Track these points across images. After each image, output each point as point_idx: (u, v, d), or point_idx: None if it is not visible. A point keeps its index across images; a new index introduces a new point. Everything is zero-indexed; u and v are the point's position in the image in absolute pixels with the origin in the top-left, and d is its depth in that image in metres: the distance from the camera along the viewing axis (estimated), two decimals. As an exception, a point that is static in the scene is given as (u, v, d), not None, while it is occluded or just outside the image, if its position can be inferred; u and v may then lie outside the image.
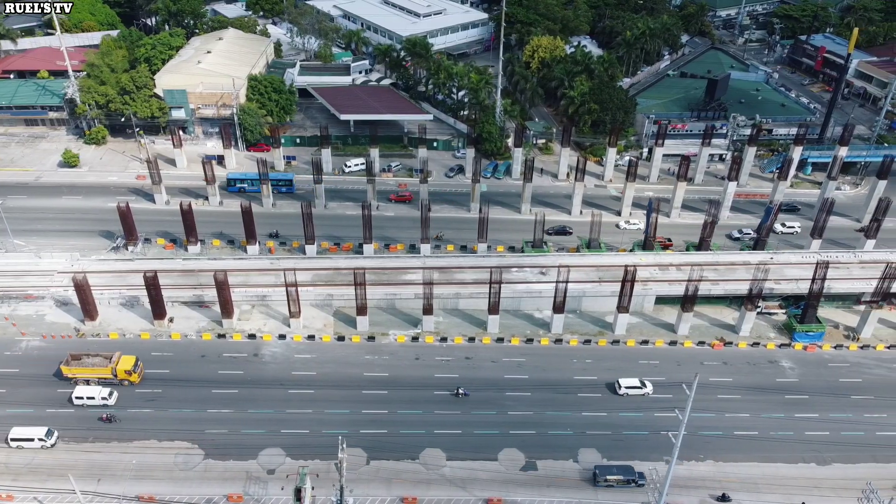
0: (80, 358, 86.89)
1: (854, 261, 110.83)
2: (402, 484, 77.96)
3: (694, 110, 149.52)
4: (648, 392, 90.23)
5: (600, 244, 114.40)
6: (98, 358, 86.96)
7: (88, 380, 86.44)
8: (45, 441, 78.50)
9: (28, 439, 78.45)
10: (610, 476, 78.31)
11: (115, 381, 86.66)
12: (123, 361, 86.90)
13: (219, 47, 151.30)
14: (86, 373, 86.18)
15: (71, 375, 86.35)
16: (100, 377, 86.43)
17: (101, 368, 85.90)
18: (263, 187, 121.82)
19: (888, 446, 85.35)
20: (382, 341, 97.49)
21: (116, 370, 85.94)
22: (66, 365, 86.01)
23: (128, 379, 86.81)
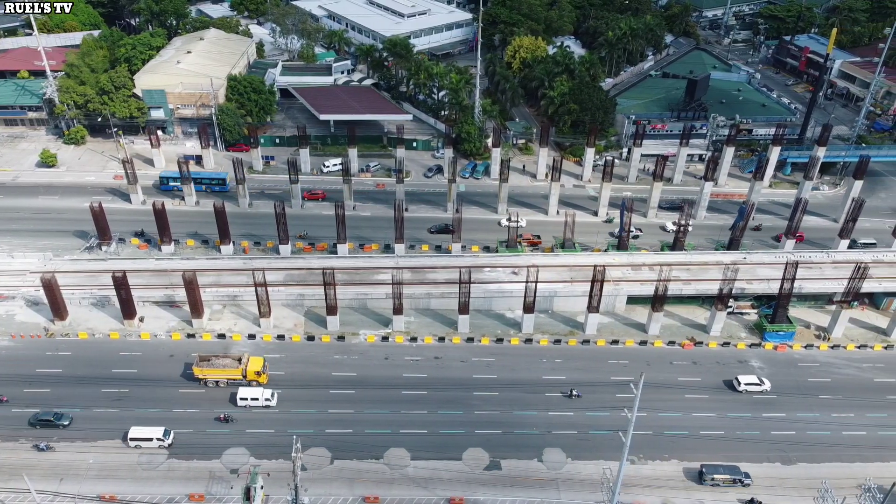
0: (208, 359, 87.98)
1: (827, 261, 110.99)
2: (365, 483, 78.02)
3: (674, 111, 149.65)
4: (766, 388, 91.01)
5: (574, 244, 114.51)
6: (227, 359, 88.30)
7: (218, 381, 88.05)
8: (163, 441, 79.18)
9: (147, 439, 79.26)
10: (717, 475, 78.70)
11: (243, 383, 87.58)
12: (253, 363, 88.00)
13: (199, 47, 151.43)
14: (217, 374, 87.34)
15: (202, 377, 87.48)
16: (229, 378, 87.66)
17: (232, 370, 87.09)
18: (185, 186, 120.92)
19: (853, 446, 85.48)
20: (352, 341, 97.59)
21: (247, 371, 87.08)
22: (197, 366, 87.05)
23: (256, 380, 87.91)
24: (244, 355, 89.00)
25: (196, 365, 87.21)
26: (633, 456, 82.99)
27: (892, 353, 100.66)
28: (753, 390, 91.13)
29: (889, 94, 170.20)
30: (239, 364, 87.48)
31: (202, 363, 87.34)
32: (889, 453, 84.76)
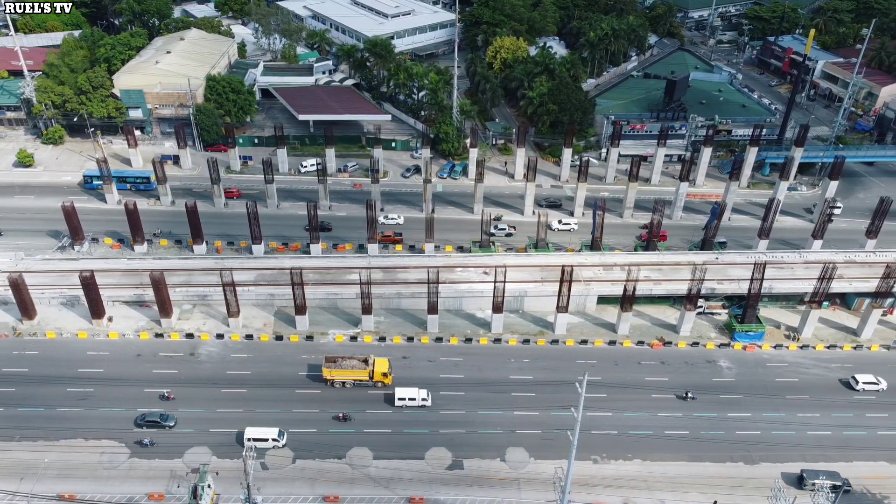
0: (335, 360, 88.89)
1: (799, 261, 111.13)
2: (327, 483, 78.10)
3: (654, 111, 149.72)
4: (883, 388, 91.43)
5: (547, 244, 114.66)
6: (354, 361, 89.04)
7: (344, 382, 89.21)
8: (277, 441, 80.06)
9: (262, 439, 79.98)
10: (817, 480, 77.99)
11: (370, 383, 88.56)
12: (379, 364, 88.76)
13: (179, 47, 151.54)
14: (345, 375, 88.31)
15: (330, 378, 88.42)
16: (356, 379, 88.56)
17: (360, 371, 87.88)
18: (106, 185, 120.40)
19: (818, 445, 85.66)
20: (321, 340, 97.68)
21: (374, 372, 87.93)
22: (326, 367, 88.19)
23: (382, 381, 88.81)
24: (370, 357, 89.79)
25: (324, 366, 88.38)
26: (597, 455, 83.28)
27: (861, 353, 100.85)
28: (871, 389, 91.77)
29: (871, 95, 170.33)
30: (366, 366, 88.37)
31: (329, 364, 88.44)
32: (853, 453, 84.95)
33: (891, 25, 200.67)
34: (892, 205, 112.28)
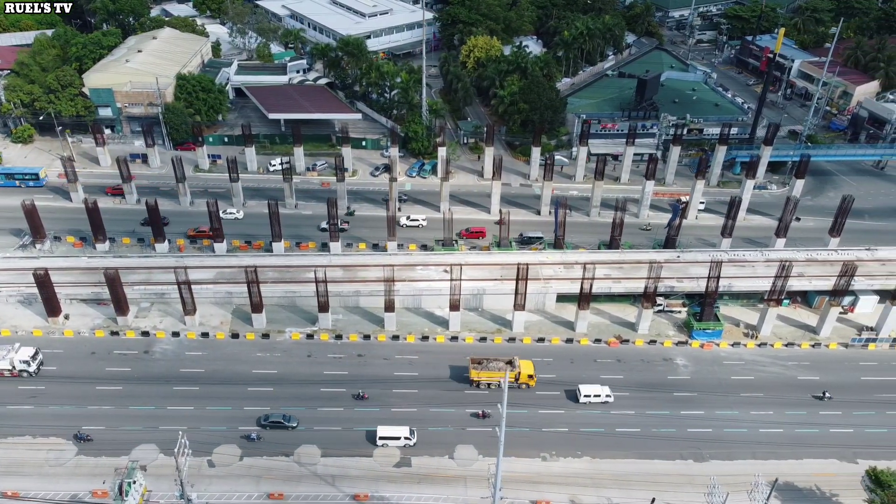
0: (480, 362, 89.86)
1: (760, 259, 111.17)
2: (273, 480, 78.07)
3: (625, 110, 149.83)
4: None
5: (510, 242, 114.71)
6: (500, 363, 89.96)
7: (489, 383, 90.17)
8: (409, 439, 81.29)
9: (395, 438, 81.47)
10: None
11: (516, 385, 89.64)
12: (524, 366, 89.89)
13: (151, 46, 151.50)
14: (492, 376, 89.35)
15: (476, 379, 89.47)
16: (502, 381, 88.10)
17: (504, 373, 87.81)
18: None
19: (769, 443, 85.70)
20: (277, 338, 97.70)
21: (520, 374, 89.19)
22: (473, 369, 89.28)
23: (528, 383, 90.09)
24: (514, 358, 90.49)
25: (471, 368, 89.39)
26: (546, 453, 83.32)
27: (819, 351, 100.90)
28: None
29: (846, 94, 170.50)
30: (512, 367, 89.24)
31: (476, 366, 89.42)
32: (804, 450, 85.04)
33: (870, 25, 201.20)
34: (854, 203, 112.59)
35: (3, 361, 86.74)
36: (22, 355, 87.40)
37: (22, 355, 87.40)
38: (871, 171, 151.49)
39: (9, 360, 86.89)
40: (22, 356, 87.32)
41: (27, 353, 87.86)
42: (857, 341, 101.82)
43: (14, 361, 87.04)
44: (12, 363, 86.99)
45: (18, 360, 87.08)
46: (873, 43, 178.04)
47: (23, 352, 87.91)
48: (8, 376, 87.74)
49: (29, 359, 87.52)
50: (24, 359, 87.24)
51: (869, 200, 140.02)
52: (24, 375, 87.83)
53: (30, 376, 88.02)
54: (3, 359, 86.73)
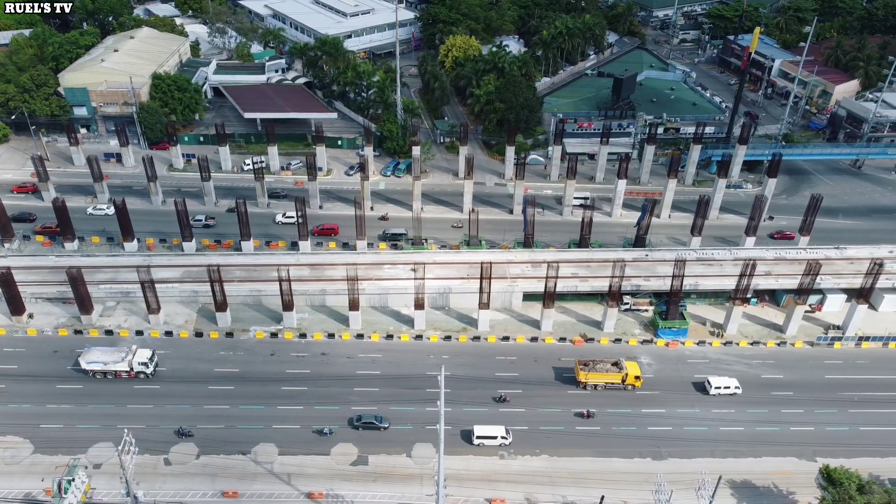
0: (587, 364, 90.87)
1: (729, 258, 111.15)
2: (228, 478, 78.10)
3: (602, 109, 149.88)
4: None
5: (480, 241, 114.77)
6: (607, 364, 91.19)
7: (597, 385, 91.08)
8: (506, 439, 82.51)
9: (491, 437, 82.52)
10: None
11: (622, 387, 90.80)
12: (631, 367, 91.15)
13: (128, 46, 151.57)
14: (600, 378, 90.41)
15: (584, 381, 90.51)
16: (609, 382, 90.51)
17: (613, 374, 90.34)
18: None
19: (727, 441, 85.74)
20: (241, 337, 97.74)
21: (627, 375, 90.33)
22: (581, 371, 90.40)
23: (634, 384, 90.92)
24: (620, 360, 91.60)
25: (579, 369, 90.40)
26: (504, 451, 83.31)
27: (784, 350, 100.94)
28: None
29: (825, 94, 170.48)
30: (619, 369, 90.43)
31: (584, 368, 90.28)
32: (763, 448, 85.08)
33: (854, 24, 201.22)
34: (830, 202, 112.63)
35: (122, 363, 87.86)
36: (140, 357, 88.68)
37: (140, 357, 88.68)
38: (849, 170, 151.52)
39: (127, 362, 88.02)
40: (140, 358, 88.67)
41: (145, 355, 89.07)
42: (822, 340, 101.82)
43: (133, 363, 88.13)
44: (130, 365, 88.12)
45: (137, 363, 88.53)
46: (853, 42, 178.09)
47: (141, 354, 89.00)
48: (125, 378, 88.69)
49: (147, 360, 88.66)
50: (142, 360, 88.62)
51: (844, 199, 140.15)
52: (142, 377, 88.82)
53: (146, 378, 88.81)
54: (122, 361, 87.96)
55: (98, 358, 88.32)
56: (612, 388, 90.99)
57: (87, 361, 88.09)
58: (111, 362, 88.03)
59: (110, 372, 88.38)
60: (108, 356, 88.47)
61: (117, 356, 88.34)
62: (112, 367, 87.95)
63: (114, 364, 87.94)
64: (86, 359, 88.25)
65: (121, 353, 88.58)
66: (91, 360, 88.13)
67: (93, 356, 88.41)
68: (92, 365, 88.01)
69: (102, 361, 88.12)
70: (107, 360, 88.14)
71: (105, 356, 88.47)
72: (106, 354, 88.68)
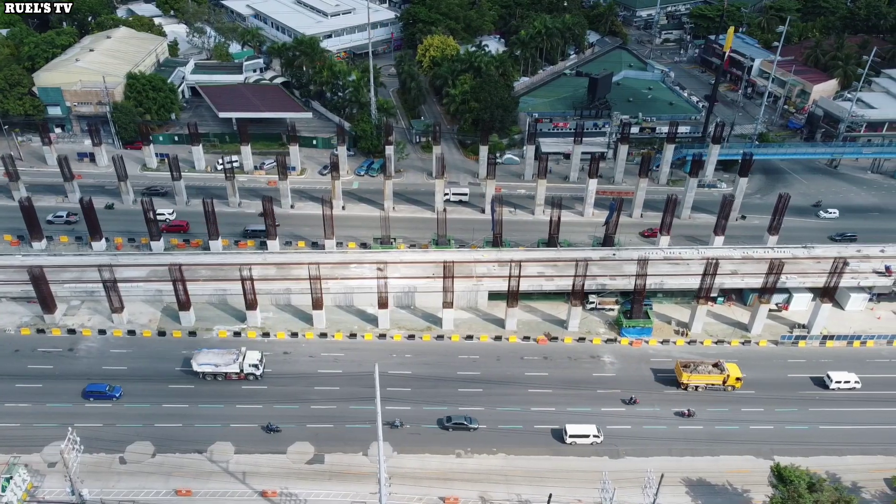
0: (688, 365, 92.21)
1: (696, 257, 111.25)
2: (183, 477, 78.16)
3: (578, 109, 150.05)
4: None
5: (449, 240, 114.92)
6: (707, 366, 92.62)
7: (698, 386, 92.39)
8: (598, 437, 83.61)
9: (584, 436, 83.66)
10: None
11: (723, 388, 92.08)
12: (732, 369, 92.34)
13: (104, 46, 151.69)
14: (702, 379, 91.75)
15: (686, 382, 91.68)
16: (710, 383, 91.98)
17: (715, 376, 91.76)
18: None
19: (686, 440, 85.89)
20: (204, 336, 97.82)
21: (728, 377, 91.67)
22: (684, 372, 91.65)
23: (734, 385, 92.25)
24: (720, 361, 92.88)
25: (682, 370, 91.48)
26: (461, 450, 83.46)
27: (748, 349, 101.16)
28: None
29: (804, 93, 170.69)
30: (720, 371, 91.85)
31: (685, 369, 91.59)
32: (721, 447, 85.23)
33: (836, 24, 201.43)
34: (803, 202, 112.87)
35: (233, 365, 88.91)
36: (251, 359, 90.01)
37: (251, 359, 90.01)
38: (825, 169, 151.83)
39: (238, 364, 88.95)
40: (251, 360, 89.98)
41: (255, 357, 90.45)
42: (786, 339, 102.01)
43: (243, 365, 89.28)
44: (241, 367, 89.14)
45: (248, 364, 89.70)
46: (832, 42, 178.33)
47: (251, 356, 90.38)
48: (235, 379, 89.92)
49: (257, 362, 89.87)
50: (252, 362, 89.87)
51: (818, 199, 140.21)
52: (251, 378, 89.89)
53: (255, 379, 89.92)
54: (234, 363, 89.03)
55: (210, 360, 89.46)
56: (712, 389, 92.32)
57: (199, 363, 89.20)
58: (223, 364, 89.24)
59: (220, 374, 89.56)
60: (220, 358, 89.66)
61: (229, 358, 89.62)
62: (223, 368, 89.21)
63: (225, 366, 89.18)
64: (198, 361, 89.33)
65: (232, 356, 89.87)
66: (203, 363, 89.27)
67: (204, 358, 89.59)
68: (203, 367, 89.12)
69: (214, 364, 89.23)
70: (218, 363, 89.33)
71: (217, 358, 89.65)
72: (218, 357, 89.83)
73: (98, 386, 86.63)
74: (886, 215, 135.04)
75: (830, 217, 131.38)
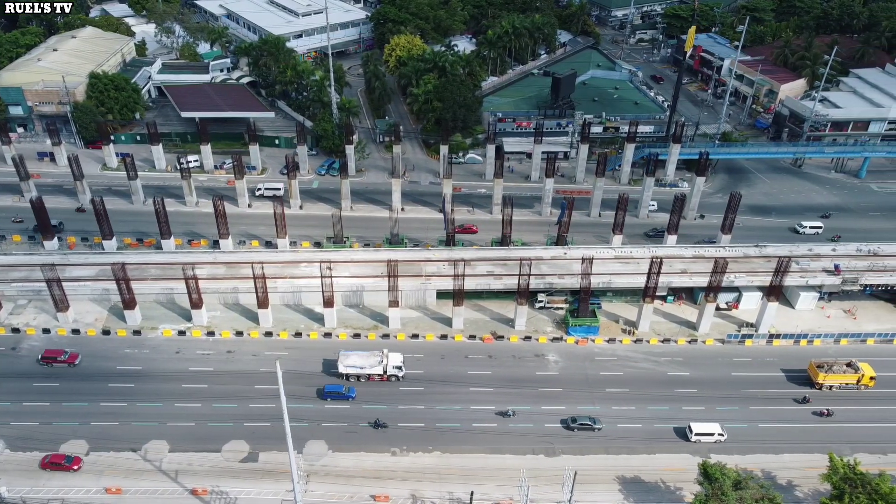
0: (822, 366, 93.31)
1: (647, 256, 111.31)
2: (114, 475, 78.27)
3: (542, 108, 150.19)
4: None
5: (402, 240, 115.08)
6: (841, 366, 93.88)
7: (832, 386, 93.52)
8: (722, 436, 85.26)
9: (708, 434, 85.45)
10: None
11: (856, 387, 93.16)
12: (866, 369, 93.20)
13: (69, 46, 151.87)
14: (837, 379, 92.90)
15: (822, 382, 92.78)
16: (845, 383, 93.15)
17: (849, 376, 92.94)
18: None
19: (623, 437, 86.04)
20: (149, 335, 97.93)
21: (862, 377, 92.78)
22: (819, 372, 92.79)
23: (867, 385, 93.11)
24: (853, 360, 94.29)
25: (817, 371, 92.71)
26: (396, 448, 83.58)
27: (694, 347, 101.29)
28: None
29: (772, 93, 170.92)
30: (855, 371, 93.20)
31: (820, 369, 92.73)
32: (659, 445, 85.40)
33: (809, 24, 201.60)
34: (764, 201, 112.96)
35: (378, 367, 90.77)
36: (394, 361, 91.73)
37: (394, 361, 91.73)
38: (790, 168, 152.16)
39: (382, 366, 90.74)
40: (395, 362, 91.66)
41: (398, 359, 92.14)
42: (733, 337, 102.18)
43: (387, 367, 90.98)
44: (384, 369, 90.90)
45: (392, 366, 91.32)
46: (801, 41, 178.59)
47: (394, 358, 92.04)
48: (377, 380, 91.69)
49: (401, 364, 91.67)
50: (396, 364, 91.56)
51: (780, 199, 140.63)
52: (393, 380, 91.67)
53: (397, 380, 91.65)
54: (378, 364, 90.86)
55: (355, 362, 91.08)
56: (847, 388, 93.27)
57: (345, 365, 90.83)
58: (368, 366, 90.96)
59: (364, 375, 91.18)
60: (365, 360, 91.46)
61: (374, 360, 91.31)
62: (368, 370, 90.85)
63: (370, 368, 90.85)
64: (344, 363, 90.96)
65: (376, 358, 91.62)
66: (349, 364, 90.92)
67: (350, 360, 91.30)
68: (349, 369, 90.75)
69: (359, 366, 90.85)
70: (363, 364, 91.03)
71: (362, 360, 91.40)
72: (363, 359, 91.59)
73: (336, 387, 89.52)
74: (845, 214, 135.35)
75: (812, 234, 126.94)
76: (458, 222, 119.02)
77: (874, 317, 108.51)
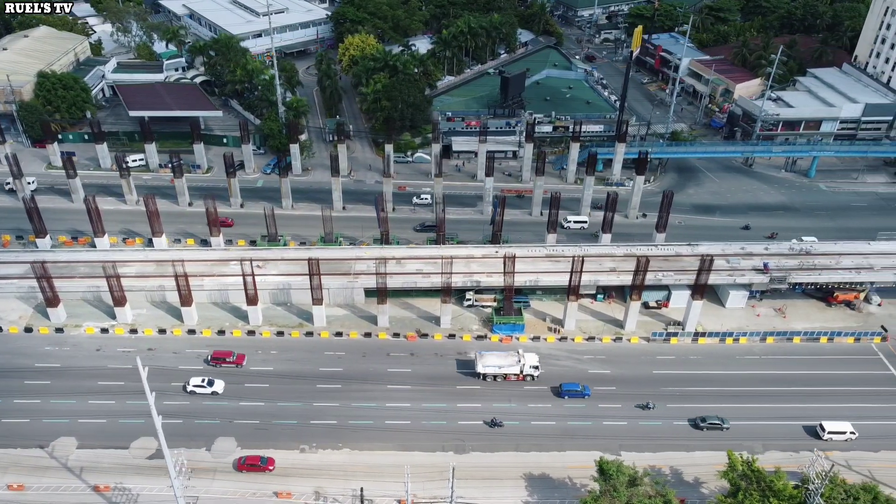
0: None
1: (579, 255, 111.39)
2: (18, 471, 78.52)
3: (491, 108, 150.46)
4: None
5: (337, 238, 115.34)
6: None
7: None
8: (854, 434, 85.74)
9: (840, 432, 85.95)
10: None
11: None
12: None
13: (20, 45, 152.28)
14: None
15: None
16: None
17: None
18: None
19: (534, 435, 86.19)
20: (72, 333, 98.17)
21: None
22: None
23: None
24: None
25: None
26: (306, 445, 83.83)
27: (619, 345, 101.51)
28: None
29: (727, 92, 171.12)
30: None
31: None
32: (570, 442, 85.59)
33: (773, 24, 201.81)
34: (711, 199, 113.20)
35: (515, 367, 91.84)
36: (531, 361, 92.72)
37: (531, 361, 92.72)
38: (740, 167, 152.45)
39: (519, 366, 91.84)
40: (531, 362, 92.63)
41: (535, 359, 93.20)
42: (658, 335, 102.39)
43: (524, 367, 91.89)
44: (521, 369, 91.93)
45: (529, 366, 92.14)
46: (758, 41, 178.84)
47: (530, 358, 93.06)
48: (514, 380, 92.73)
49: (537, 363, 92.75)
50: (533, 364, 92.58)
51: (727, 198, 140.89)
52: (528, 379, 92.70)
53: (533, 380, 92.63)
54: (516, 364, 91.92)
55: (494, 362, 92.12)
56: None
57: (484, 365, 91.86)
58: (506, 366, 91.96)
59: (501, 375, 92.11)
60: (504, 360, 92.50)
61: (512, 360, 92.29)
62: (506, 370, 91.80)
63: (508, 367, 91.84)
64: (482, 363, 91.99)
65: (514, 358, 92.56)
66: (487, 364, 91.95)
67: (489, 360, 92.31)
68: (488, 368, 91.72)
69: (498, 365, 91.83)
70: (502, 364, 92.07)
71: (500, 360, 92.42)
72: (501, 359, 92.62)
73: (572, 385, 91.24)
74: (791, 213, 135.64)
75: (577, 228, 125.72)
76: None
77: (804, 315, 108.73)
